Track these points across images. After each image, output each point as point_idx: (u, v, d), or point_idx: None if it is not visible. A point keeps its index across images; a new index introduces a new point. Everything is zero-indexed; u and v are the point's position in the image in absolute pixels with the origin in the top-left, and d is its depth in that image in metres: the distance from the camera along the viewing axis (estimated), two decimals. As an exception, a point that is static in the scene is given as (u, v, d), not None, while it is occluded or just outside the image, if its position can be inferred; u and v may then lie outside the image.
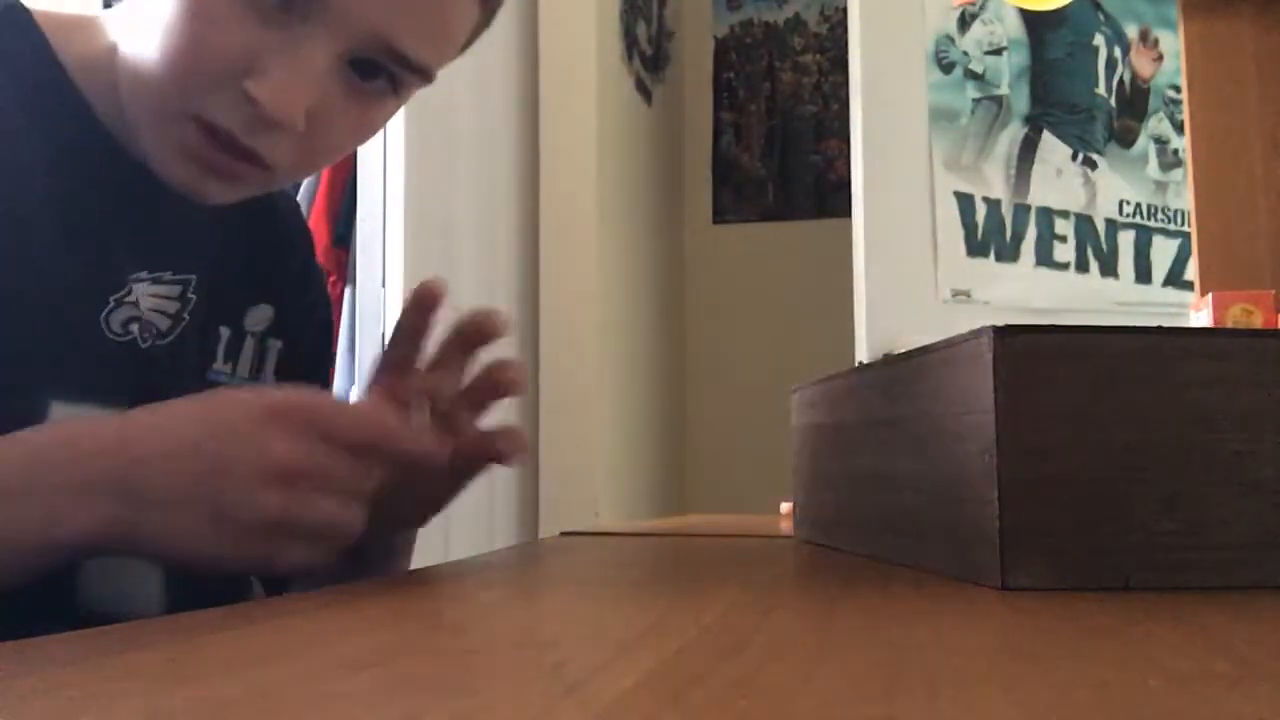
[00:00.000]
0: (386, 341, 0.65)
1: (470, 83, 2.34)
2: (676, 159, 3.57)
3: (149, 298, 0.66)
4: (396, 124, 2.09)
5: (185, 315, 0.68)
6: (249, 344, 0.74)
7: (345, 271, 2.40)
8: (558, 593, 0.52)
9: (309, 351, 0.78)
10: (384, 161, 2.15)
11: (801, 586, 0.53)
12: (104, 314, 0.62)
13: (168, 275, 0.67)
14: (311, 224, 2.40)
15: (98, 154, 0.65)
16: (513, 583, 0.53)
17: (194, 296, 0.69)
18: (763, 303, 3.44)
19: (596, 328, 2.61)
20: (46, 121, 0.63)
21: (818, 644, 0.33)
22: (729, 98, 3.63)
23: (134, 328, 0.64)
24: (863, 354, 2.36)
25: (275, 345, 0.75)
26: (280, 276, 0.77)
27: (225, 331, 0.72)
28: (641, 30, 3.10)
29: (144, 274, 0.66)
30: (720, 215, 3.59)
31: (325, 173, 2.41)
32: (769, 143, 3.59)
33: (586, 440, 2.54)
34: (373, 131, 0.66)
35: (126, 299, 0.64)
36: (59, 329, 0.60)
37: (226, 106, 0.59)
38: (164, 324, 0.67)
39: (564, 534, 0.97)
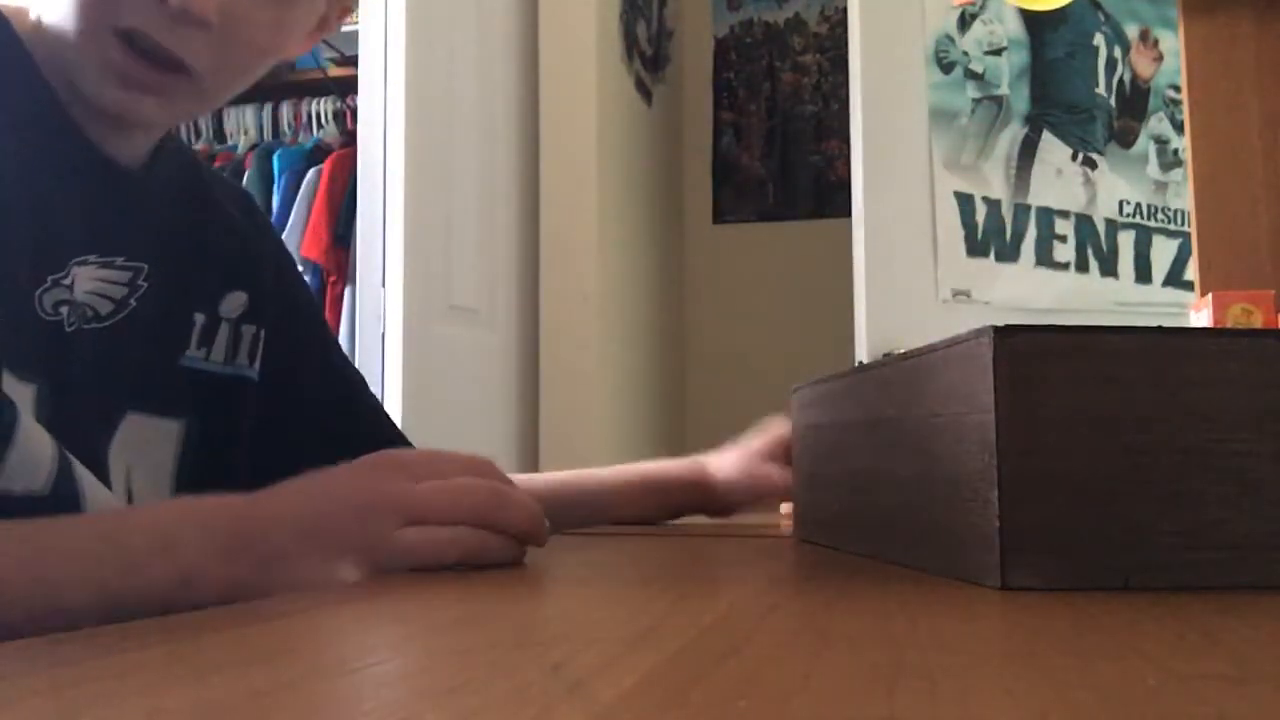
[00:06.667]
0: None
1: (470, 83, 2.33)
2: (676, 159, 3.56)
3: (91, 281, 0.67)
4: (396, 124, 2.09)
5: (132, 301, 0.69)
6: (224, 330, 0.76)
7: (345, 271, 2.40)
8: (558, 593, 0.52)
9: (295, 336, 0.80)
10: (384, 161, 2.15)
11: (801, 586, 0.53)
12: (39, 291, 0.63)
13: (119, 260, 0.69)
14: (311, 224, 2.40)
15: (56, 137, 0.66)
16: (513, 583, 0.53)
17: (145, 284, 0.70)
18: (763, 303, 3.44)
19: (596, 328, 2.61)
20: (14, 112, 0.64)
21: (818, 644, 0.33)
22: (729, 98, 3.63)
23: (63, 310, 0.65)
24: (863, 354, 2.36)
25: (250, 331, 0.77)
26: (250, 264, 0.79)
27: (200, 318, 0.74)
28: (641, 30, 3.10)
29: (93, 257, 0.67)
30: (720, 215, 3.59)
31: (325, 172, 2.41)
32: (769, 143, 3.59)
33: (587, 440, 2.54)
34: (293, 32, 0.69)
35: (62, 280, 0.65)
36: None
37: (140, 8, 0.61)
38: (105, 307, 0.68)
39: (564, 534, 0.97)
